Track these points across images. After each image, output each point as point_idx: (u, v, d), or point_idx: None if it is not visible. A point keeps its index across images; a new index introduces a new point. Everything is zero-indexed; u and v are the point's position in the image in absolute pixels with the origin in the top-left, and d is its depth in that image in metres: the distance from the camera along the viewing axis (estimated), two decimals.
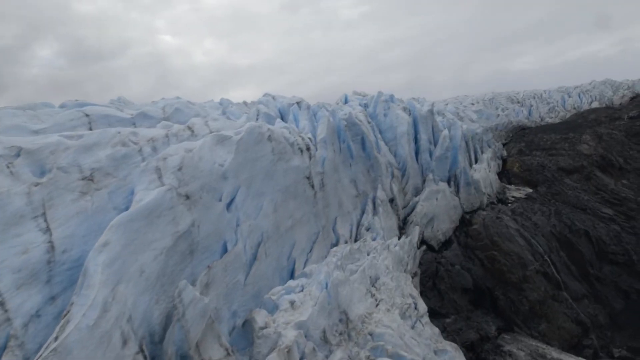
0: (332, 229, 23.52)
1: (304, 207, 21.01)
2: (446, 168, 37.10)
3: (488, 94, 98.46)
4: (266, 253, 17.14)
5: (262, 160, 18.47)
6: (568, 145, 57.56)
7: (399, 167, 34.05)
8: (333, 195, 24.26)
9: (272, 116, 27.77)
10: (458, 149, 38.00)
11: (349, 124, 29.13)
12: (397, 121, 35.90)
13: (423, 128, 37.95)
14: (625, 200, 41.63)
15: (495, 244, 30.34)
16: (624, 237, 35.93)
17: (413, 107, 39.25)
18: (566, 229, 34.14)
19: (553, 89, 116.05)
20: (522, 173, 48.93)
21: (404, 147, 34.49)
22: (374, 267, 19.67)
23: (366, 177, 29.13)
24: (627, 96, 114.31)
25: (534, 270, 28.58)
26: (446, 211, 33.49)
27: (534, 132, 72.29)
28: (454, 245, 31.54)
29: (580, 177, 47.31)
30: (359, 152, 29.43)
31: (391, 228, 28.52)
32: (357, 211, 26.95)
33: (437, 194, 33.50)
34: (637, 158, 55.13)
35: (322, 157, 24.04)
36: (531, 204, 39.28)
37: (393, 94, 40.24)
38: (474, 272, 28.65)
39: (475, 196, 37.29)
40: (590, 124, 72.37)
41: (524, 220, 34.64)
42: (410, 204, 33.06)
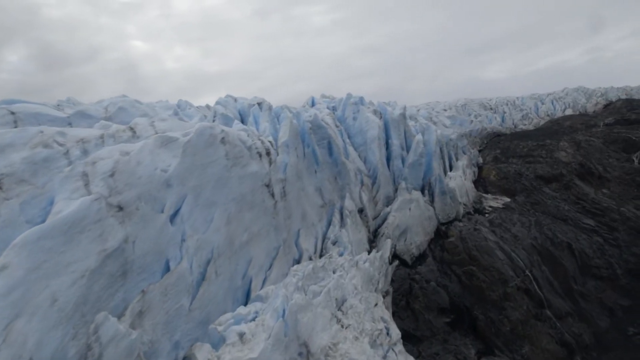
0: (295, 243, 22.04)
1: (263, 219, 19.55)
2: (420, 175, 36.12)
3: (460, 100, 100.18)
4: (217, 272, 15.63)
5: (214, 165, 17.00)
6: (545, 153, 57.63)
7: (369, 175, 32.89)
8: (296, 205, 22.82)
9: (231, 118, 26.45)
10: (432, 155, 37.13)
11: (314, 127, 27.86)
12: (367, 125, 34.82)
13: (395, 132, 36.99)
14: (607, 211, 41.47)
15: (474, 258, 29.42)
16: (607, 250, 35.62)
17: (384, 110, 38.28)
18: (548, 241, 33.52)
19: (526, 96, 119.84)
20: (499, 181, 48.52)
21: (374, 153, 33.38)
22: (341, 287, 18.24)
23: (333, 185, 27.79)
24: (601, 103, 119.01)
25: (515, 286, 27.72)
26: (420, 222, 32.39)
27: (509, 139, 72.60)
28: (429, 259, 30.41)
29: (559, 186, 47.13)
30: (325, 157, 28.12)
31: (360, 241, 27.26)
32: (322, 223, 25.54)
33: (410, 203, 32.41)
34: (616, 166, 55.47)
35: (284, 163, 22.66)
36: (510, 214, 38.67)
37: (363, 96, 39.33)
38: (450, 290, 27.53)
39: (451, 206, 36.33)
40: (567, 130, 73.18)
41: (503, 232, 33.92)
42: (381, 214, 31.88)
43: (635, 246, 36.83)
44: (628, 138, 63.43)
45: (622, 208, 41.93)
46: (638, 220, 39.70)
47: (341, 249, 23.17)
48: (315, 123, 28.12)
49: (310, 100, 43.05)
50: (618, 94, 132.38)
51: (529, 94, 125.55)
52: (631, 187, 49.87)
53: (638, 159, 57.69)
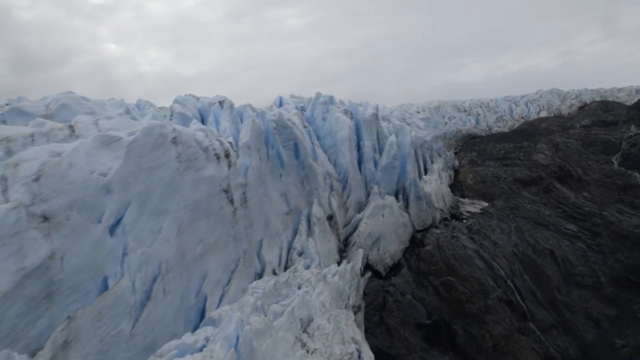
0: (257, 255, 20.68)
1: (220, 228, 18.22)
2: (393, 179, 35.06)
3: (434, 103, 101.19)
4: (165, 290, 14.26)
5: (164, 168, 15.64)
6: (523, 155, 57.49)
7: (339, 179, 31.79)
8: (258, 213, 21.50)
9: (189, 117, 25.21)
10: (407, 158, 36.17)
11: (279, 127, 26.58)
12: (337, 125, 33.75)
13: (367, 134, 35.96)
14: (589, 215, 41.26)
15: (452, 268, 28.46)
16: (590, 256, 35.28)
17: (355, 110, 37.26)
18: (529, 249, 32.91)
19: (500, 98, 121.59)
20: (476, 185, 48.00)
21: (344, 155, 32.31)
22: (307, 305, 16.89)
23: (300, 190, 26.47)
24: (576, 105, 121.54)
25: (497, 298, 26.88)
26: (394, 230, 31.31)
27: (485, 141, 72.66)
28: (404, 270, 29.23)
29: (538, 189, 46.85)
30: (291, 160, 26.80)
31: (329, 252, 26.04)
32: (287, 232, 24.20)
33: (384, 209, 31.33)
34: (595, 169, 55.64)
35: (245, 166, 21.36)
36: (488, 219, 38.05)
37: (333, 95, 38.30)
38: (428, 303, 26.46)
39: (427, 212, 35.36)
40: (543, 132, 73.56)
41: (482, 239, 33.19)
42: (352, 221, 30.67)
43: (619, 252, 36.61)
44: (607, 140, 63.93)
45: (605, 212, 41.79)
46: (621, 225, 39.54)
47: (308, 260, 21.84)
48: (280, 123, 26.88)
49: (278, 100, 41.87)
50: (592, 95, 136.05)
51: (503, 96, 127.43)
52: (611, 190, 49.98)
53: (618, 161, 58.07)
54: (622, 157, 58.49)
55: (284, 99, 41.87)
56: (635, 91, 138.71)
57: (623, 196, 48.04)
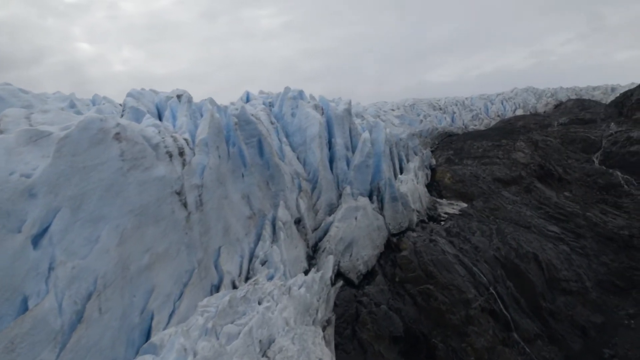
0: (214, 264, 19.00)
1: (171, 235, 16.60)
2: (367, 179, 33.69)
3: (409, 100, 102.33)
4: (101, 309, 12.61)
5: (104, 168, 13.96)
6: (502, 153, 56.90)
7: (309, 178, 30.25)
8: (216, 217, 19.86)
9: (142, 111, 23.62)
10: (381, 156, 34.82)
11: (241, 123, 24.94)
12: (307, 121, 32.25)
13: (339, 130, 34.52)
14: (572, 216, 40.51)
15: (431, 275, 27.10)
16: (574, 260, 34.44)
17: (327, 105, 35.82)
18: (512, 253, 31.84)
19: (475, 96, 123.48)
20: (454, 185, 46.96)
21: (314, 153, 30.78)
22: (267, 323, 15.24)
23: (264, 192, 24.86)
24: (551, 104, 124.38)
25: (479, 307, 25.61)
26: (368, 234, 29.79)
27: (462, 139, 72.20)
28: (379, 277, 27.65)
29: (519, 189, 46.08)
30: (255, 158, 25.16)
31: (297, 259, 24.43)
32: (250, 238, 22.50)
33: (357, 211, 29.85)
34: (576, 167, 55.24)
35: (202, 165, 19.74)
36: (468, 221, 36.95)
37: (303, 89, 36.89)
38: (405, 314, 25.05)
39: (403, 214, 34.05)
40: (521, 130, 73.36)
41: (462, 243, 32.02)
42: (323, 225, 29.11)
43: (603, 254, 35.90)
44: (587, 137, 63.78)
45: (588, 213, 41.13)
46: (606, 226, 38.87)
47: (271, 270, 20.21)
48: (242, 118, 25.24)
49: (245, 96, 40.34)
50: (567, 94, 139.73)
51: (478, 94, 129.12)
52: (593, 190, 49.55)
53: (598, 159, 57.80)
54: (603, 155, 58.25)
55: (251, 95, 40.40)
56: (611, 89, 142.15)
57: (605, 196, 47.61)
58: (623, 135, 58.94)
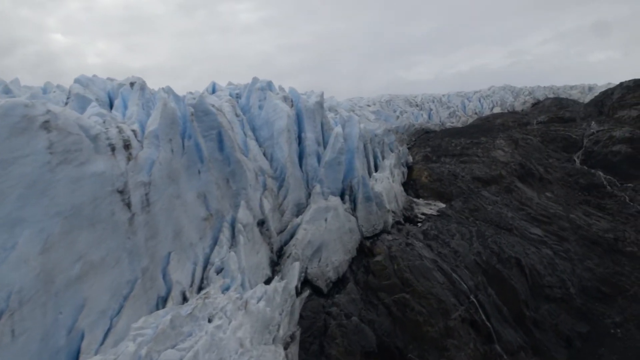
0: (162, 274, 16.94)
1: (110, 241, 14.65)
2: (339, 177, 31.57)
3: (385, 96, 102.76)
4: (14, 331, 10.76)
5: (26, 162, 12.07)
6: (481, 151, 55.76)
7: (275, 176, 28.23)
8: (165, 219, 17.76)
9: (89, 99, 21.79)
10: (355, 152, 32.82)
11: (198, 113, 22.76)
12: (275, 114, 30.36)
13: (309, 124, 32.63)
14: (555, 218, 39.29)
15: (407, 282, 25.22)
16: (558, 264, 33.17)
17: (297, 97, 33.92)
18: (493, 258, 30.30)
19: (452, 94, 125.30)
20: (432, 184, 45.42)
21: (282, 149, 28.78)
22: (218, 346, 13.03)
23: (223, 190, 22.71)
24: (529, 102, 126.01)
25: (459, 318, 23.91)
26: (339, 237, 27.81)
27: (439, 136, 70.99)
28: (350, 285, 25.60)
29: (499, 189, 44.79)
30: (214, 153, 23.01)
31: (258, 266, 22.32)
32: (205, 242, 20.37)
33: (327, 212, 27.80)
34: (557, 167, 54.35)
35: (150, 160, 17.73)
36: (446, 223, 35.37)
37: (272, 80, 35.13)
38: (378, 326, 23.13)
39: (378, 215, 32.12)
40: (500, 128, 72.66)
41: (440, 247, 30.35)
42: (289, 227, 27.10)
43: (588, 259, 34.73)
44: (568, 136, 63.09)
45: (571, 215, 39.94)
46: (590, 229, 37.73)
47: (227, 280, 18.13)
48: (200, 108, 23.03)
49: (211, 86, 38.51)
50: (545, 92, 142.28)
51: (455, 91, 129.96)
52: (575, 190, 48.67)
53: (580, 159, 57.11)
54: (584, 155, 57.47)
55: (218, 85, 38.63)
56: (588, 89, 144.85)
57: (588, 197, 46.70)
58: (605, 135, 58.19)
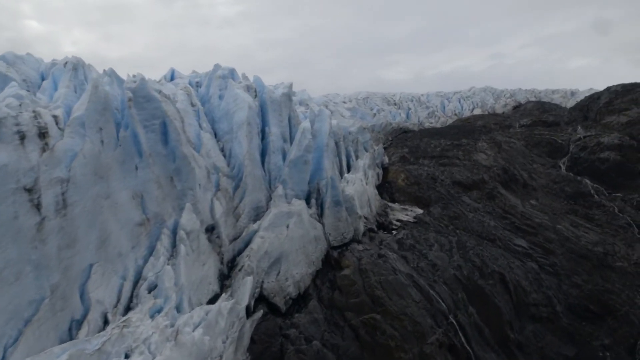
0: (79, 292, 14.17)
1: (10, 250, 12.00)
2: (305, 178, 28.74)
3: (362, 93, 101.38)
4: None
5: None
6: (462, 154, 53.70)
7: (232, 174, 25.39)
8: (88, 224, 14.93)
9: (10, 78, 19.09)
10: (324, 150, 30.15)
11: (138, 99, 19.56)
12: (235, 105, 27.63)
13: (275, 118, 29.85)
14: (541, 228, 37.15)
15: (378, 301, 22.47)
16: (544, 280, 31.06)
17: (262, 87, 31.24)
18: (475, 272, 27.84)
19: (432, 93, 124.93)
20: (409, 187, 42.95)
21: (241, 144, 26.00)
22: None
23: (166, 190, 19.70)
24: (510, 104, 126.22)
25: (436, 342, 21.27)
26: (302, 246, 25.00)
27: (418, 136, 68.75)
28: (313, 303, 22.71)
29: (481, 195, 42.59)
30: (156, 146, 19.85)
31: (203, 281, 19.34)
32: (138, 252, 17.47)
33: (289, 218, 25.01)
34: (542, 173, 52.56)
35: (71, 152, 14.96)
36: (424, 231, 32.91)
37: (235, 68, 32.57)
38: (343, 352, 20.05)
39: (347, 221, 29.36)
40: (482, 130, 70.94)
41: (417, 259, 27.79)
42: (244, 235, 24.19)
43: (576, 274, 32.70)
44: (553, 141, 61.56)
45: (558, 225, 37.79)
46: (578, 241, 35.69)
47: (160, 300, 15.37)
48: (141, 93, 19.70)
49: (170, 73, 35.75)
50: (526, 95, 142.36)
51: (435, 91, 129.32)
52: (560, 198, 46.88)
53: (565, 165, 55.57)
54: (570, 161, 55.81)
55: (177, 72, 35.89)
56: (570, 93, 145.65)
57: (574, 206, 44.78)
58: (593, 141, 56.46)
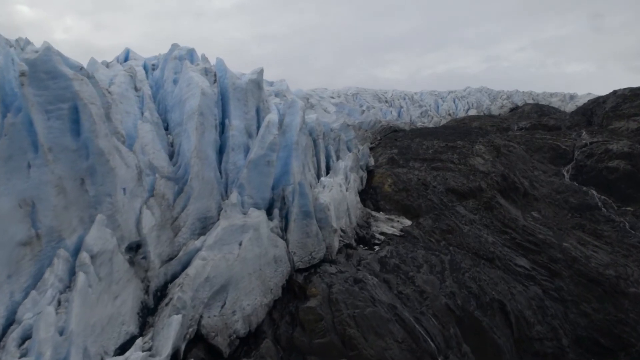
0: None
1: None
2: (267, 182, 23.67)
3: (352, 89, 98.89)
4: None
5: None
6: (458, 157, 49.68)
7: (176, 176, 20.79)
8: None
9: None
10: (293, 149, 25.30)
11: (40, 76, 14.65)
12: (188, 91, 23.15)
13: (238, 109, 25.18)
14: (545, 246, 32.96)
15: (350, 342, 17.92)
16: (549, 308, 27.00)
17: (224, 72, 26.71)
18: (471, 301, 23.60)
19: (425, 92, 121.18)
20: (397, 194, 38.71)
21: (190, 138, 21.35)
22: None
23: (71, 197, 14.88)
24: (507, 106, 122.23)
25: None
26: (257, 269, 20.21)
27: (409, 136, 64.90)
28: (266, 345, 17.71)
29: (478, 205, 38.45)
30: (62, 138, 14.98)
31: (111, 322, 14.45)
32: (17, 282, 12.80)
33: (244, 233, 20.02)
34: (544, 181, 48.55)
35: None
36: (412, 248, 28.60)
37: (194, 47, 28.26)
38: None
39: (318, 237, 24.42)
40: (478, 132, 67.20)
41: (402, 284, 23.42)
42: (182, 254, 18.89)
43: (584, 301, 28.65)
44: (556, 146, 57.68)
45: (564, 243, 33.62)
46: (588, 263, 31.51)
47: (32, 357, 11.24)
48: (42, 68, 14.71)
49: (124, 54, 31.22)
50: (524, 98, 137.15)
51: (429, 90, 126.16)
52: (564, 210, 42.86)
53: (569, 173, 51.63)
54: (575, 169, 51.87)
55: (133, 53, 31.36)
56: (569, 97, 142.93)
57: (580, 219, 40.62)
58: (600, 148, 52.54)
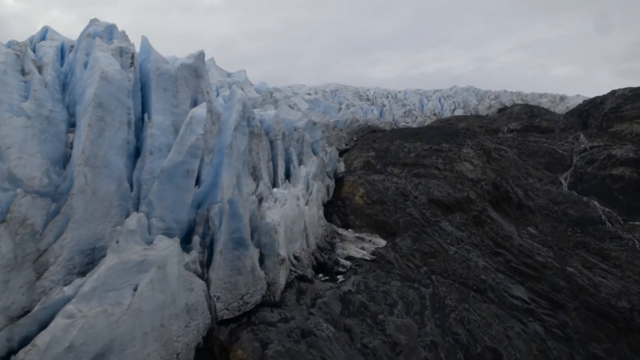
0: None
1: None
2: (186, 200, 17.78)
3: (331, 85, 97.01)
4: None
5: None
6: (443, 163, 45.02)
7: (53, 192, 15.35)
8: None
9: None
10: (225, 154, 19.51)
11: None
12: (90, 76, 17.89)
13: (163, 101, 19.95)
14: (545, 270, 28.04)
15: None
16: (552, 351, 22.27)
17: (147, 53, 21.27)
18: (458, 354, 18.66)
19: (410, 90, 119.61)
20: (370, 207, 33.61)
21: (80, 138, 16.03)
22: None
23: None
24: (495, 107, 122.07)
25: None
26: (158, 326, 14.46)
27: (389, 137, 60.80)
28: None
29: (466, 219, 33.48)
30: None
31: None
32: None
33: (141, 273, 14.17)
34: (539, 190, 43.95)
35: None
36: (384, 278, 23.50)
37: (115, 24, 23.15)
38: None
39: (252, 276, 18.32)
40: (466, 133, 63.08)
41: (367, 333, 18.19)
42: (36, 311, 12.69)
43: (594, 340, 24.23)
44: (552, 150, 53.33)
45: (568, 267, 28.69)
46: (598, 293, 26.69)
47: None
48: None
49: (41, 33, 26.10)
50: (512, 98, 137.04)
51: (414, 88, 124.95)
52: (563, 224, 38.18)
53: (568, 181, 47.12)
54: (574, 176, 47.58)
55: (52, 32, 26.22)
56: (560, 98, 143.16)
57: (583, 236, 35.80)
58: (602, 153, 48.32)
